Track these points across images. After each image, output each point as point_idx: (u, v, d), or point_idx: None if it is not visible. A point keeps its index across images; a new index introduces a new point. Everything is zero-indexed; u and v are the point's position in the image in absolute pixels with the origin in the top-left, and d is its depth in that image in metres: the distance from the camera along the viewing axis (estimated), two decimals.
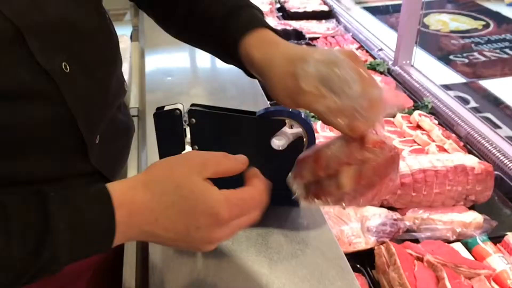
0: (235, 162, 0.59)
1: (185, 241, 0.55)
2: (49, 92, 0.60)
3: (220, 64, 1.50)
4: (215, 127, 0.79)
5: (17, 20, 0.55)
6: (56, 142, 0.64)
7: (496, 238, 1.19)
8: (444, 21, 3.20)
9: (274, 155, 0.79)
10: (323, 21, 2.65)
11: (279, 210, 0.85)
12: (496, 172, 1.36)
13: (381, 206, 1.29)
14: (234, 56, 0.71)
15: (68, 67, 0.61)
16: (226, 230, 0.55)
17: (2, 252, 0.46)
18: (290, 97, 0.62)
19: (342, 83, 0.55)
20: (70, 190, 0.53)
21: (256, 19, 0.71)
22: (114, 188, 0.53)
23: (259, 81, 0.71)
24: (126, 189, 0.54)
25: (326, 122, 0.59)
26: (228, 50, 0.71)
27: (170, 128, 0.78)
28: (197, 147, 0.80)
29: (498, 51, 2.74)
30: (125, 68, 1.57)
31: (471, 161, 1.33)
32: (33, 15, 0.58)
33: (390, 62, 2.09)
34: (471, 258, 1.14)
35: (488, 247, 1.15)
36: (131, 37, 1.92)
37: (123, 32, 1.87)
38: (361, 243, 1.15)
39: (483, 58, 2.65)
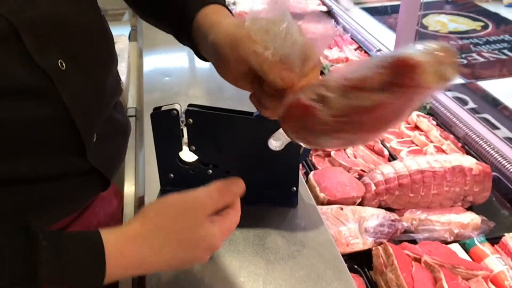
0: (233, 194, 0.63)
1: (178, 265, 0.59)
2: (45, 90, 0.60)
3: None
4: (213, 127, 0.79)
5: (11, 16, 0.55)
6: (53, 140, 0.64)
7: (493, 239, 1.19)
8: (442, 22, 3.21)
9: (271, 155, 0.79)
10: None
11: (277, 211, 0.85)
12: (494, 173, 1.36)
13: (379, 207, 1.29)
14: (187, 31, 0.70)
15: (64, 64, 0.61)
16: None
17: None
18: (233, 49, 0.60)
19: (280, 33, 0.56)
20: (63, 237, 0.52)
21: None
22: (110, 243, 0.52)
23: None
24: (122, 244, 0.53)
25: (261, 71, 0.58)
26: (184, 28, 0.70)
27: (167, 129, 0.78)
28: (194, 148, 0.79)
29: (496, 52, 2.75)
30: (123, 68, 1.57)
31: (469, 162, 1.33)
32: (27, 12, 0.57)
33: None
34: (469, 259, 1.14)
35: (486, 248, 1.15)
36: (129, 37, 1.92)
37: (121, 32, 1.86)
38: (359, 244, 1.15)
39: (481, 59, 2.65)
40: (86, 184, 0.73)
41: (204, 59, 0.73)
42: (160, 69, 1.42)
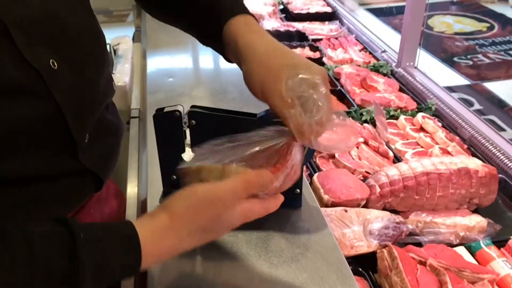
0: (258, 188, 0.63)
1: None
2: (37, 89, 0.59)
3: (222, 65, 1.50)
4: (216, 129, 0.78)
5: (1, 14, 0.55)
6: (45, 140, 0.63)
7: (500, 242, 1.18)
8: (448, 23, 3.19)
9: None
10: (326, 22, 2.64)
11: (280, 213, 0.83)
12: (500, 175, 1.35)
13: (384, 209, 1.28)
14: (217, 38, 0.72)
15: (56, 64, 0.61)
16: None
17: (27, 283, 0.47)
18: (263, 92, 0.66)
19: (313, 105, 0.63)
20: (100, 229, 0.54)
21: (240, 3, 0.74)
22: (143, 236, 0.54)
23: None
24: (155, 237, 0.56)
25: (282, 119, 0.65)
26: (212, 32, 0.73)
27: (170, 130, 0.78)
28: (197, 150, 0.79)
29: (502, 53, 2.73)
30: (127, 69, 1.57)
31: (475, 164, 1.32)
32: (17, 10, 0.57)
33: (394, 64, 2.08)
34: (475, 262, 1.13)
35: (492, 251, 1.14)
36: (133, 38, 1.91)
37: (125, 33, 1.86)
38: (363, 247, 1.14)
39: (487, 60, 2.64)
40: (79, 184, 0.73)
41: (230, 60, 0.76)
42: (164, 70, 1.41)
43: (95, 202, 0.84)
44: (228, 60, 0.75)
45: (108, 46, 1.80)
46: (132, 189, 1.10)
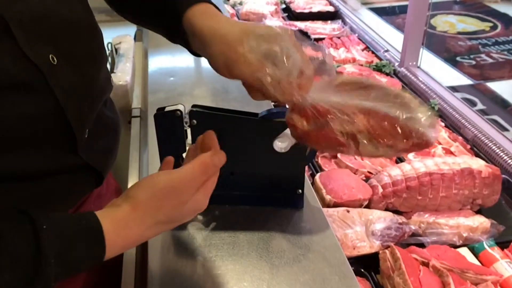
0: (215, 168, 0.64)
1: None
2: (37, 84, 0.59)
3: None
4: (217, 128, 0.77)
5: (1, 10, 0.55)
6: (46, 136, 0.64)
7: (503, 243, 1.17)
8: (451, 23, 3.18)
9: (277, 157, 0.78)
10: (329, 21, 2.63)
11: (281, 214, 0.84)
12: (503, 176, 1.34)
13: (386, 209, 1.27)
14: (178, 30, 0.71)
15: (55, 59, 0.61)
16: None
17: None
18: (228, 67, 0.65)
19: (283, 56, 0.61)
20: (63, 221, 0.54)
21: None
22: (106, 227, 0.55)
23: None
24: (118, 228, 0.56)
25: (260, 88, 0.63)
26: (172, 25, 0.72)
27: (170, 129, 0.77)
28: None
29: (505, 53, 2.72)
30: (128, 68, 1.56)
31: (478, 164, 1.31)
32: (17, 6, 0.57)
33: (396, 64, 2.07)
34: (478, 263, 1.12)
35: (495, 252, 1.13)
36: (134, 37, 1.91)
37: (127, 32, 1.86)
38: (366, 247, 1.13)
39: (490, 60, 2.63)
40: (79, 180, 0.73)
41: (197, 54, 0.75)
42: (165, 69, 1.41)
43: (96, 198, 0.84)
44: (195, 53, 0.75)
45: (109, 45, 1.80)
46: None
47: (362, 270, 1.09)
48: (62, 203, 0.73)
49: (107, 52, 2.00)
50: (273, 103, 1.18)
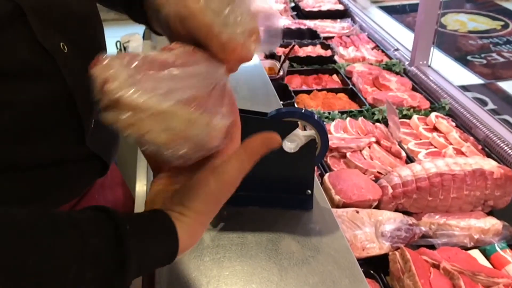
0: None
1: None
2: (49, 71, 0.61)
3: None
4: None
5: None
6: (55, 124, 0.64)
7: None
8: (462, 21, 3.15)
9: (286, 158, 0.77)
10: (338, 20, 2.62)
11: (290, 214, 0.83)
12: None
13: (396, 210, 1.26)
14: (139, 8, 0.69)
15: (66, 47, 0.63)
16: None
17: (78, 277, 0.45)
18: (180, 20, 0.60)
19: (234, 21, 0.56)
20: (141, 220, 0.52)
21: None
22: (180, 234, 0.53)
23: None
24: (189, 235, 0.54)
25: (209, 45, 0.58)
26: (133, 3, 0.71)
27: None
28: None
29: None
30: None
31: (490, 165, 1.29)
32: None
33: (407, 63, 2.05)
34: (489, 266, 1.10)
35: (507, 254, 1.12)
36: (143, 36, 1.91)
37: (135, 30, 1.86)
38: (375, 249, 1.12)
39: (501, 59, 2.60)
40: (84, 169, 0.74)
41: (158, 33, 0.72)
42: None
43: (99, 187, 0.85)
44: (155, 31, 0.72)
45: (118, 43, 1.80)
46: (141, 188, 1.09)
47: (372, 271, 1.08)
48: (68, 192, 0.73)
49: (116, 51, 2.01)
50: (282, 102, 1.18)
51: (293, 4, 2.81)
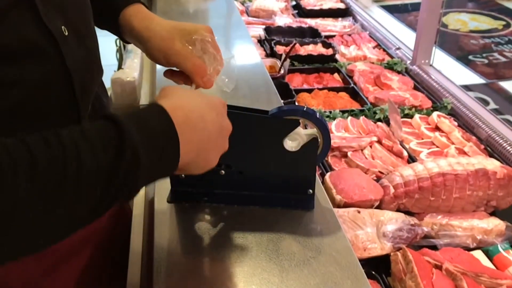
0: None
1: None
2: (52, 52, 0.63)
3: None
4: None
5: None
6: (52, 110, 0.66)
7: None
8: (463, 21, 3.14)
9: (287, 156, 0.76)
10: (340, 19, 2.60)
11: (291, 214, 0.82)
12: None
13: (398, 210, 1.25)
14: (114, 24, 0.85)
15: (66, 31, 0.66)
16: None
17: (91, 162, 0.48)
18: (164, 57, 0.79)
19: (209, 53, 0.79)
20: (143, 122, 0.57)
21: None
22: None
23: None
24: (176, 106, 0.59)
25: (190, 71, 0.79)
26: (109, 18, 0.85)
27: None
28: None
29: None
30: (136, 64, 1.55)
31: (493, 165, 1.28)
32: None
33: (408, 62, 2.04)
34: (492, 267, 1.09)
35: (510, 255, 1.11)
36: None
37: None
38: (377, 249, 1.11)
39: (503, 59, 2.59)
40: None
41: (128, 43, 0.89)
42: None
43: None
44: (125, 40, 0.88)
45: (117, 41, 1.78)
46: None
47: (373, 272, 1.07)
48: None
49: (115, 48, 1.99)
50: (283, 101, 1.16)
51: (294, 3, 2.79)
